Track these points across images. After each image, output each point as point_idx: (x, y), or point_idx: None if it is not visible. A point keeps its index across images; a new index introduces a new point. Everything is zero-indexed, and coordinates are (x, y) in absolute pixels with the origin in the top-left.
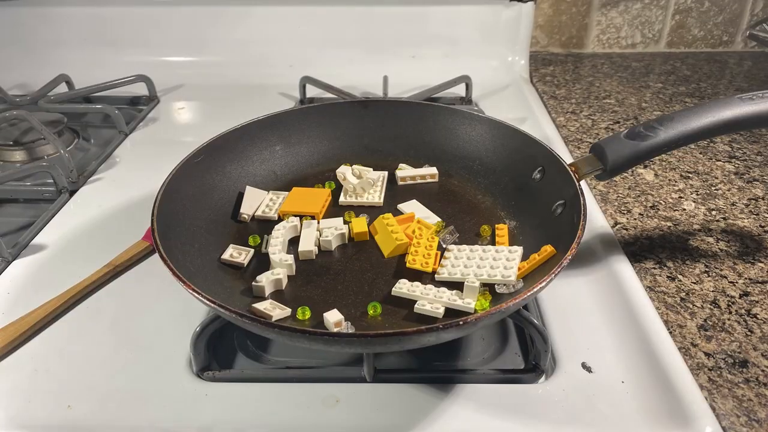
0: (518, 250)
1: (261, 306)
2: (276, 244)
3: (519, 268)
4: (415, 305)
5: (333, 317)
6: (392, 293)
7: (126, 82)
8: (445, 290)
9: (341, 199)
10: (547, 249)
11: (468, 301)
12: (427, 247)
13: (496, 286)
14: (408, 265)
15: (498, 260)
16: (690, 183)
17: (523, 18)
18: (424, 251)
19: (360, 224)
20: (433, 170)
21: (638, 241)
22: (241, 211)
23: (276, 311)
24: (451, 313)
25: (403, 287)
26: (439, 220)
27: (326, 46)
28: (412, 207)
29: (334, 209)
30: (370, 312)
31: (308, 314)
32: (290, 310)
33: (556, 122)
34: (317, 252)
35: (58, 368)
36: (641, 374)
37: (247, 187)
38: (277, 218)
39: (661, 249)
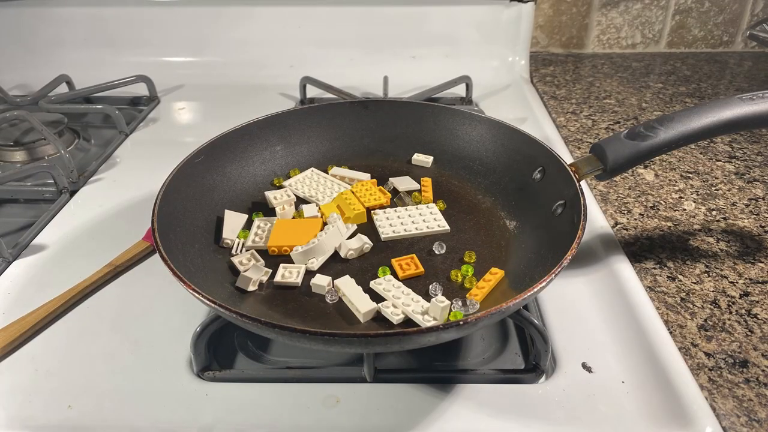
0: (433, 206)
1: (236, 260)
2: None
3: (481, 288)
4: (381, 304)
5: (322, 281)
6: (370, 286)
7: (126, 82)
8: (419, 299)
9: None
10: (497, 272)
11: (428, 319)
12: (370, 191)
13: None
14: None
15: (425, 216)
16: (690, 183)
17: (524, 18)
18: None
19: (354, 207)
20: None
21: (638, 241)
22: (224, 236)
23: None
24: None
25: (382, 284)
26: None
27: (326, 47)
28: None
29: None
30: (380, 274)
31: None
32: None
33: (557, 122)
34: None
35: (59, 368)
36: (641, 374)
37: (226, 211)
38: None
39: (662, 249)
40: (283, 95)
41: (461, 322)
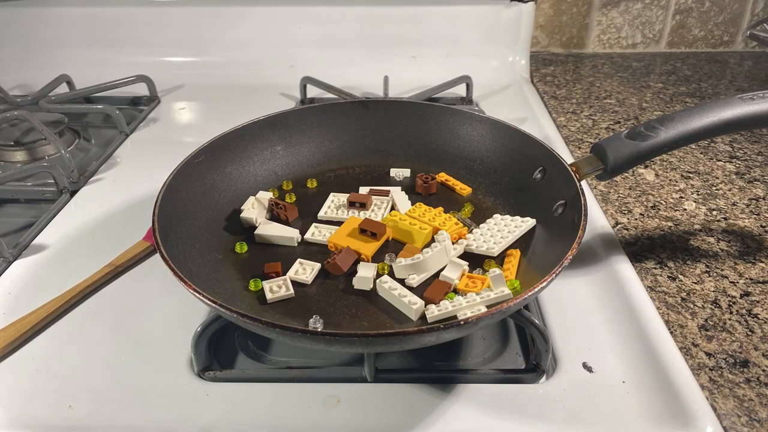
0: (497, 216)
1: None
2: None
3: (507, 269)
4: (458, 317)
5: (367, 272)
6: (429, 321)
7: (127, 82)
8: (470, 294)
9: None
10: (512, 252)
11: (501, 290)
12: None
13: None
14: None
15: (505, 221)
16: (691, 183)
17: (524, 18)
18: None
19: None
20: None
21: (639, 241)
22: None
23: (281, 292)
24: None
25: (435, 311)
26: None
27: (326, 46)
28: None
29: None
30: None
31: (260, 286)
32: (293, 293)
33: (557, 122)
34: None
35: (59, 368)
36: (642, 374)
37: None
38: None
39: (662, 249)
40: (283, 95)
41: (462, 322)
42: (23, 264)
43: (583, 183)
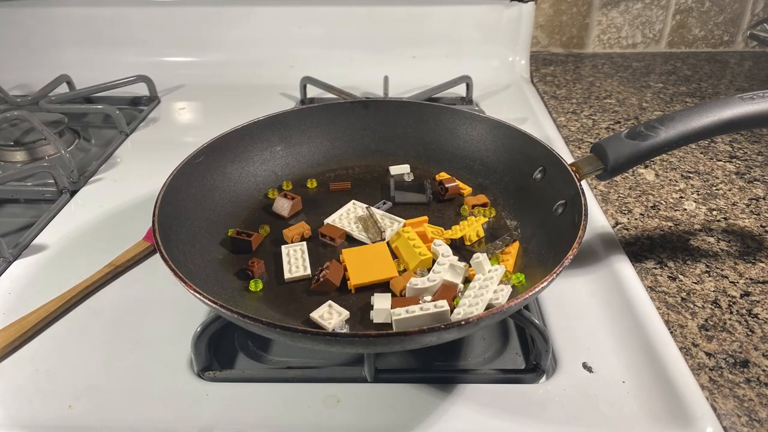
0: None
1: (317, 314)
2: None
3: (506, 260)
4: (492, 303)
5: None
6: (453, 320)
7: (127, 82)
8: (474, 287)
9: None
10: (511, 246)
11: (495, 267)
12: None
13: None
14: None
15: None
16: (691, 183)
17: (524, 18)
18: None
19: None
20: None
21: (639, 241)
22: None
23: (333, 319)
24: None
25: (461, 311)
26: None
27: (327, 47)
28: None
29: None
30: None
31: (260, 286)
32: (348, 313)
33: (557, 122)
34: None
35: (59, 368)
36: (642, 374)
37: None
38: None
39: (662, 249)
40: (283, 95)
41: (462, 322)
42: (23, 264)
43: (583, 183)
